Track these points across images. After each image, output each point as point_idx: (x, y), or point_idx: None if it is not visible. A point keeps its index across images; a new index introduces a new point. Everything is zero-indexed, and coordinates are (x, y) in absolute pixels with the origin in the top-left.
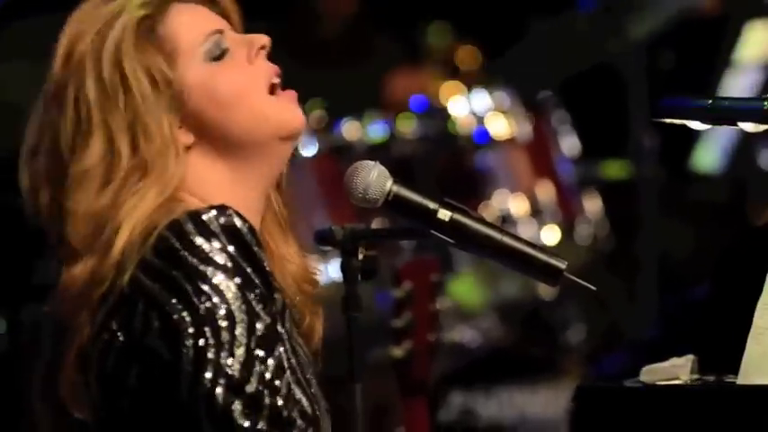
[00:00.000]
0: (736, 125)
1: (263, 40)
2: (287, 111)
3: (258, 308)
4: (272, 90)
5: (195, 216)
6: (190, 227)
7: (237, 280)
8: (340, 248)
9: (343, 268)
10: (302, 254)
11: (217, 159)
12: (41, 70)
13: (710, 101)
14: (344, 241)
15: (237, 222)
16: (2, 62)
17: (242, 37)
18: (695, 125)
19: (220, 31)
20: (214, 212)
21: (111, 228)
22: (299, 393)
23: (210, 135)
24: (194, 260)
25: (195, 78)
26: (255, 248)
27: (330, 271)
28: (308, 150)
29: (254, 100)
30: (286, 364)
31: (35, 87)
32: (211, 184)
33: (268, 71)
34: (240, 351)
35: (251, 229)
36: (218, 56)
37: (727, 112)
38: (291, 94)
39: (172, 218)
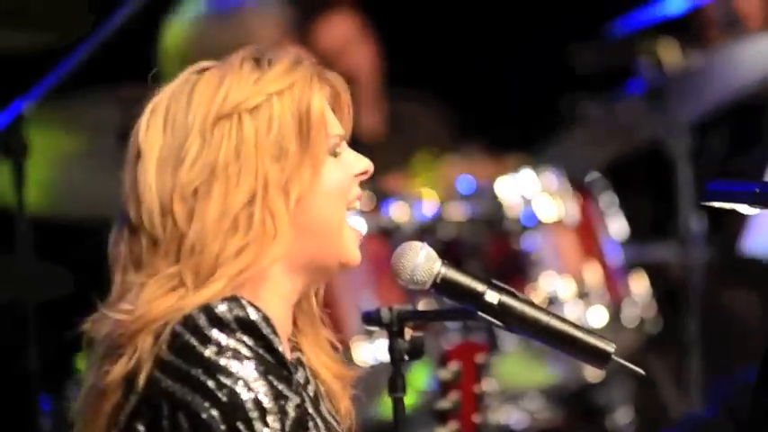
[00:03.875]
0: None
1: (370, 168)
2: (354, 247)
3: (284, 390)
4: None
5: (208, 310)
6: (203, 321)
7: (258, 367)
8: (387, 330)
9: (390, 349)
10: (333, 343)
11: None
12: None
13: (758, 185)
14: (391, 322)
15: (251, 314)
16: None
17: (350, 152)
18: (743, 209)
19: (343, 138)
20: (226, 305)
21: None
22: None
23: (302, 212)
24: (212, 355)
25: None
26: (271, 336)
27: (377, 351)
28: None
29: (342, 207)
30: None
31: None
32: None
33: (358, 195)
34: None
35: (264, 318)
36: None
37: None
38: (360, 236)
39: (184, 313)
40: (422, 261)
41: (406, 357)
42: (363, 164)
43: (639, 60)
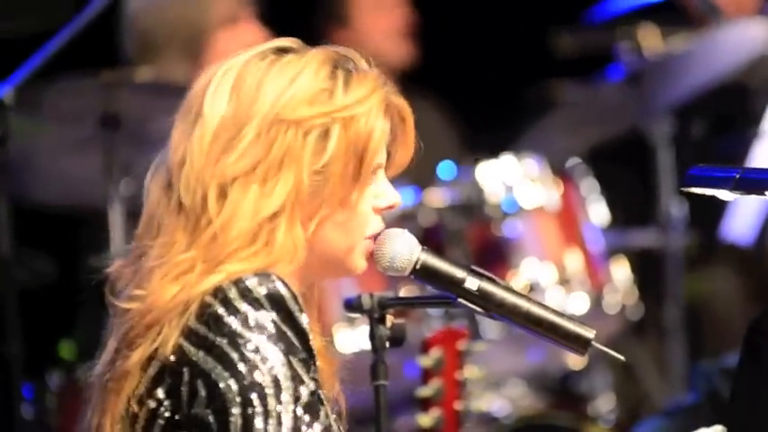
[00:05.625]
0: (765, 195)
1: (399, 203)
2: (362, 261)
3: (302, 373)
4: None
5: (239, 283)
6: (234, 293)
7: (281, 345)
8: (368, 316)
9: (371, 336)
10: (320, 327)
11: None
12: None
13: (739, 171)
14: (372, 309)
15: (281, 288)
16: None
17: (385, 182)
18: (724, 195)
19: (381, 166)
20: (257, 279)
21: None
22: None
23: (314, 233)
24: (238, 327)
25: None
26: (297, 314)
27: (358, 338)
28: None
29: (357, 238)
30: (331, 429)
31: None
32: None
33: (380, 227)
34: (287, 418)
35: (293, 295)
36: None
37: (755, 182)
38: (371, 248)
39: (215, 284)
40: (401, 248)
41: (388, 344)
42: (391, 198)
43: (619, 45)
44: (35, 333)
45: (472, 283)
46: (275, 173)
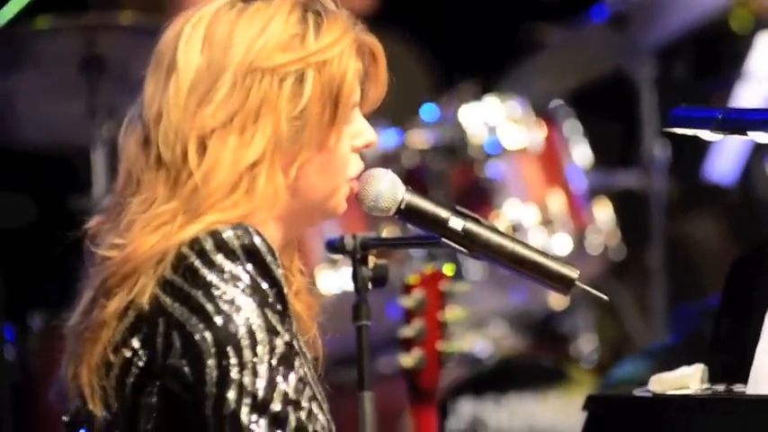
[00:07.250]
0: (747, 135)
1: (375, 141)
2: (343, 203)
3: (277, 325)
4: None
5: (215, 234)
6: (210, 245)
7: (256, 298)
8: (350, 257)
9: (354, 277)
10: (303, 269)
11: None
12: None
13: (721, 111)
14: (355, 250)
15: (257, 241)
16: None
17: (361, 120)
18: (706, 135)
19: (356, 105)
20: (234, 231)
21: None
22: (315, 408)
23: (296, 178)
24: (214, 279)
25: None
26: (273, 267)
27: (340, 279)
28: None
29: (340, 179)
30: (305, 379)
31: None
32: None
33: (360, 167)
34: (263, 370)
35: (269, 248)
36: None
37: (737, 123)
38: (355, 190)
39: (192, 235)
40: (386, 187)
41: (370, 285)
42: (368, 136)
43: None
44: (17, 275)
45: (457, 224)
46: (253, 122)
